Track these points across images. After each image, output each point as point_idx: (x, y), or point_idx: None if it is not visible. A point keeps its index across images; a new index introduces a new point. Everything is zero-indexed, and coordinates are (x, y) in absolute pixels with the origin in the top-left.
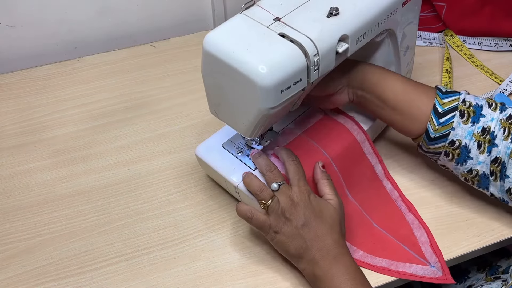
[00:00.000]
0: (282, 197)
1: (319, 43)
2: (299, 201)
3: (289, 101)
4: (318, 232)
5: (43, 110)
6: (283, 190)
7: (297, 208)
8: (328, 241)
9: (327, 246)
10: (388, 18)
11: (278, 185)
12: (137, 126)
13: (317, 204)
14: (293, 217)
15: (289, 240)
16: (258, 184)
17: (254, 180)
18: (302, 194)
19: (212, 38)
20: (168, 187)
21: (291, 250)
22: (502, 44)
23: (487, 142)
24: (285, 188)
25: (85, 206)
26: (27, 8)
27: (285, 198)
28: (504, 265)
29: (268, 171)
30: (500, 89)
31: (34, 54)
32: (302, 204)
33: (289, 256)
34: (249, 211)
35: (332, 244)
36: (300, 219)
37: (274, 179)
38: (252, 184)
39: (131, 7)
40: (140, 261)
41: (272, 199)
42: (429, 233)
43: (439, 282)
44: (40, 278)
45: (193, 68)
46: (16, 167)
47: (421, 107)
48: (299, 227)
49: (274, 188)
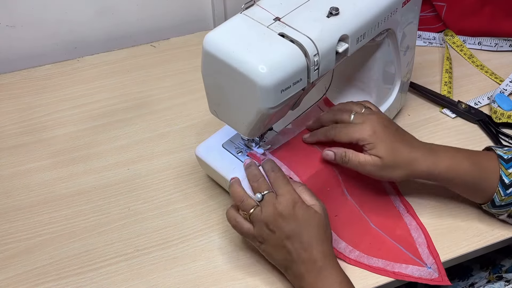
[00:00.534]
0: (266, 207)
1: (319, 43)
2: (283, 212)
3: (289, 101)
4: (304, 244)
5: (43, 110)
6: (267, 200)
7: (282, 219)
8: (313, 253)
9: (313, 258)
10: (388, 18)
11: (262, 195)
12: (137, 126)
13: (303, 214)
14: (276, 229)
15: (274, 251)
16: (239, 194)
17: (237, 189)
18: (286, 204)
19: (212, 38)
20: (168, 187)
21: (276, 261)
22: (502, 44)
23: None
24: (269, 198)
25: (85, 206)
26: (27, 8)
27: (269, 209)
28: (508, 264)
29: (254, 181)
30: (500, 89)
31: (34, 54)
32: (287, 215)
33: (276, 265)
34: (233, 218)
35: (318, 256)
36: (284, 231)
37: (259, 189)
38: (234, 194)
39: (131, 7)
40: (140, 261)
41: (254, 209)
42: (427, 235)
43: (435, 284)
44: (40, 278)
45: (193, 68)
46: (16, 167)
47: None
48: (283, 238)
49: (258, 198)
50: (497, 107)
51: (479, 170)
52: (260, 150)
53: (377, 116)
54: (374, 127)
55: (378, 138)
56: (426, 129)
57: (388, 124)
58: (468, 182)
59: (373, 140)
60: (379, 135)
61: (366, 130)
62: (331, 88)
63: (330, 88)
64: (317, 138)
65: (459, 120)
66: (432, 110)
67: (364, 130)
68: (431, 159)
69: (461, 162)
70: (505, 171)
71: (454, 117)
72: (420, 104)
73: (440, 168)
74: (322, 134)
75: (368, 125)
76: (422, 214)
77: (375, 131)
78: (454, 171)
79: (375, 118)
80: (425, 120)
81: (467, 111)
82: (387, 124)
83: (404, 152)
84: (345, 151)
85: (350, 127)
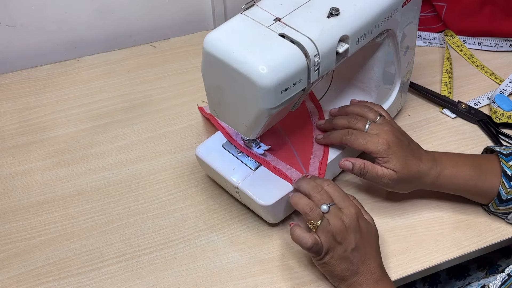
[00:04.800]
0: (333, 219)
1: (319, 43)
2: (350, 225)
3: (290, 102)
4: (365, 256)
5: (43, 110)
6: (333, 212)
7: (348, 232)
8: (373, 265)
9: (371, 269)
10: (388, 19)
11: (328, 206)
12: (137, 126)
13: (365, 228)
14: (344, 241)
15: (337, 262)
16: (307, 203)
17: (303, 198)
18: (352, 217)
19: (212, 38)
20: (168, 187)
21: (336, 272)
22: (502, 44)
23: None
24: (335, 210)
25: (85, 206)
26: (27, 8)
27: (336, 221)
28: (504, 265)
29: (316, 192)
30: (500, 89)
31: (34, 54)
32: (353, 228)
33: (331, 277)
34: (299, 231)
35: (376, 268)
36: (351, 244)
37: (323, 200)
38: (301, 202)
39: (131, 7)
40: (140, 261)
41: (321, 220)
42: (326, 154)
43: None
44: (40, 278)
45: (193, 68)
46: (16, 167)
47: (488, 191)
48: (349, 251)
49: (324, 210)
50: (497, 108)
51: (480, 174)
52: (260, 150)
53: (391, 128)
54: (389, 140)
55: (392, 152)
56: (426, 129)
57: (401, 137)
58: (470, 187)
59: (387, 154)
60: (393, 149)
61: (381, 144)
62: (331, 88)
63: (330, 88)
64: (331, 141)
65: (459, 120)
66: (432, 110)
67: (379, 143)
68: (437, 170)
69: (463, 169)
70: (506, 164)
71: (454, 117)
72: (420, 104)
73: (443, 178)
74: (336, 138)
75: (382, 138)
76: (422, 214)
77: (389, 145)
78: (456, 178)
79: (389, 130)
80: (425, 120)
81: (467, 111)
82: (400, 137)
83: (414, 166)
84: (363, 163)
85: (366, 137)
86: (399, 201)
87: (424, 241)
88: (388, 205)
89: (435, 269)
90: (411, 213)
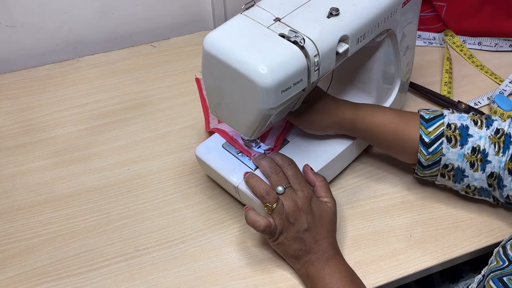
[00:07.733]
0: (286, 201)
1: (319, 43)
2: (302, 206)
3: (290, 102)
4: (317, 236)
5: (43, 110)
6: (288, 194)
7: (300, 213)
8: (324, 244)
9: (323, 248)
10: (388, 19)
11: (284, 188)
12: (137, 126)
13: (318, 209)
14: (296, 222)
15: (290, 243)
16: (264, 187)
17: (260, 182)
18: (305, 199)
19: (212, 38)
20: (168, 187)
21: (290, 252)
22: (502, 44)
23: (479, 161)
24: (290, 192)
25: (85, 206)
26: (27, 8)
27: (289, 202)
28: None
29: (274, 173)
30: (499, 89)
31: (34, 54)
32: (305, 210)
33: (286, 257)
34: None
35: (328, 247)
36: (303, 224)
37: (279, 182)
38: (258, 186)
39: (131, 7)
40: (140, 261)
41: (277, 203)
42: (287, 127)
43: None
44: (40, 278)
45: (193, 68)
46: (16, 167)
47: (410, 141)
48: (301, 231)
49: (280, 191)
50: (497, 107)
51: (400, 117)
52: (260, 150)
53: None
54: None
55: None
56: None
57: None
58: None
59: None
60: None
61: None
62: (331, 88)
63: (330, 88)
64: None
65: None
66: None
67: None
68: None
69: (384, 111)
70: (424, 130)
71: None
72: (420, 104)
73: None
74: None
75: None
76: (422, 213)
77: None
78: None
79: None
80: None
81: (467, 111)
82: None
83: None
84: None
85: None
86: (399, 201)
87: (424, 241)
88: (388, 205)
89: (435, 269)
90: (411, 213)
